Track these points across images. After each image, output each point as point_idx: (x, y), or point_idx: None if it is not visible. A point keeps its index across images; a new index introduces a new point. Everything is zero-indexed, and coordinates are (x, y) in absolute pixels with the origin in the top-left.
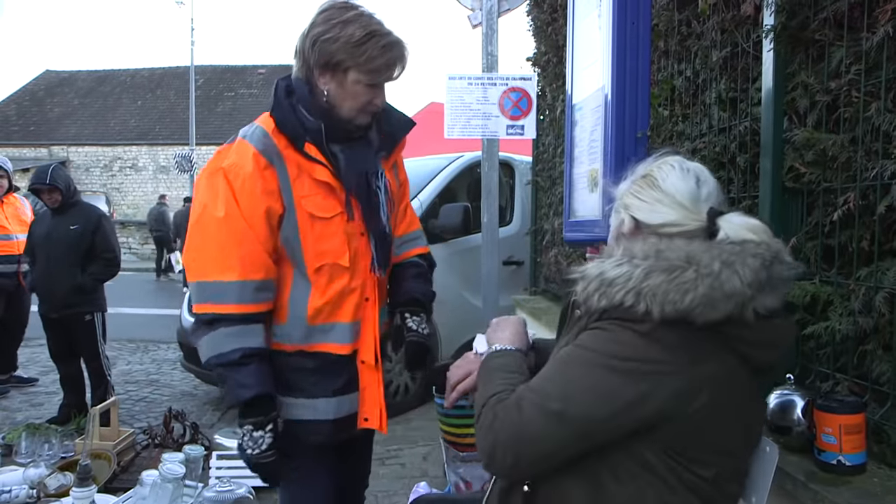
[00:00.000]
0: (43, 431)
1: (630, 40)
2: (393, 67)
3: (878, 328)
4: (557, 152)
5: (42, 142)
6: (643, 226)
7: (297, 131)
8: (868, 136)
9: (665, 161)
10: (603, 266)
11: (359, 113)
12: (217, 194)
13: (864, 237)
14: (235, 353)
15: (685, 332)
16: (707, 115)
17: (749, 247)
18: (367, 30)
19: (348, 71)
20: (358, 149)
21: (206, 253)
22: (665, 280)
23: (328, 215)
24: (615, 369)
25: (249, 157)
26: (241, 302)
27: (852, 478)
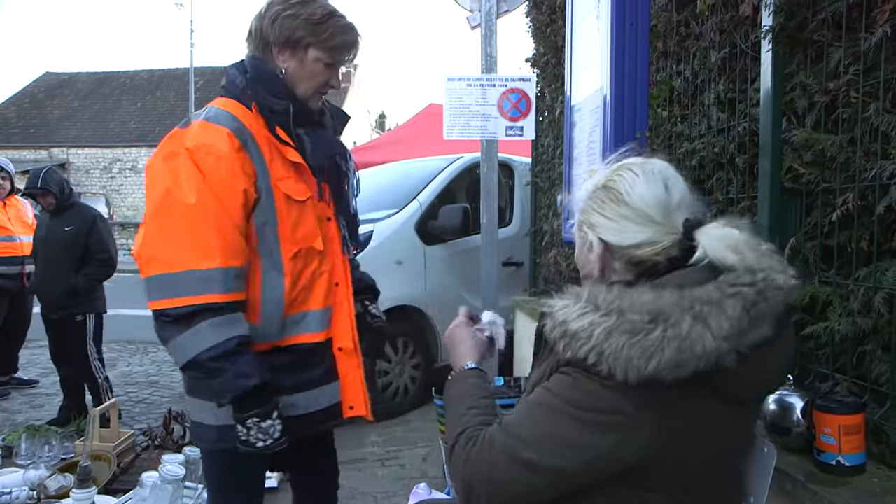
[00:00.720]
0: (43, 433)
1: (629, 41)
2: (351, 48)
3: (878, 328)
4: (557, 153)
5: (42, 144)
6: (613, 248)
7: (268, 114)
8: (867, 136)
9: (625, 167)
10: (567, 313)
11: (315, 93)
12: (181, 177)
13: (863, 237)
14: (231, 341)
15: (653, 388)
16: (706, 116)
17: (729, 282)
18: (327, 9)
19: (309, 48)
20: (321, 132)
21: (177, 241)
22: (627, 343)
23: (302, 198)
24: (583, 420)
25: (223, 136)
26: (226, 290)
27: (851, 478)
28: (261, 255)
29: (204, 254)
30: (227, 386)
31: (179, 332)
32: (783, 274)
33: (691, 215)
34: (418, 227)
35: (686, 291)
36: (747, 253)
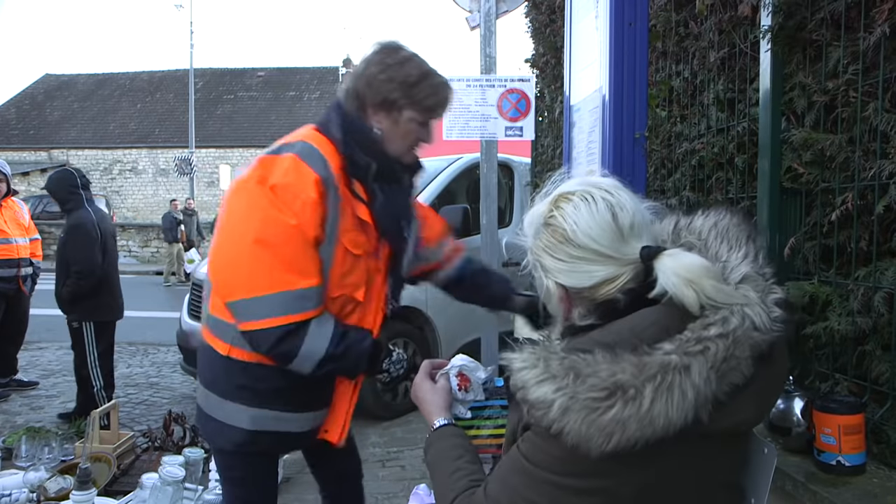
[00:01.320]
0: (43, 435)
1: (628, 41)
2: (444, 105)
3: (877, 328)
4: (556, 153)
5: (42, 145)
6: (573, 291)
7: (352, 169)
8: (866, 136)
9: (563, 196)
10: (525, 378)
11: (408, 150)
12: (277, 205)
13: (863, 237)
14: (337, 326)
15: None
16: (705, 116)
17: (696, 337)
18: (421, 70)
19: (403, 109)
20: (396, 192)
21: (282, 263)
22: (584, 421)
23: (360, 252)
24: (560, 486)
25: (311, 182)
26: (319, 305)
27: (852, 478)
28: None
29: (303, 274)
30: (358, 357)
31: (297, 343)
32: (761, 310)
33: (648, 238)
34: None
35: (646, 358)
36: (708, 287)
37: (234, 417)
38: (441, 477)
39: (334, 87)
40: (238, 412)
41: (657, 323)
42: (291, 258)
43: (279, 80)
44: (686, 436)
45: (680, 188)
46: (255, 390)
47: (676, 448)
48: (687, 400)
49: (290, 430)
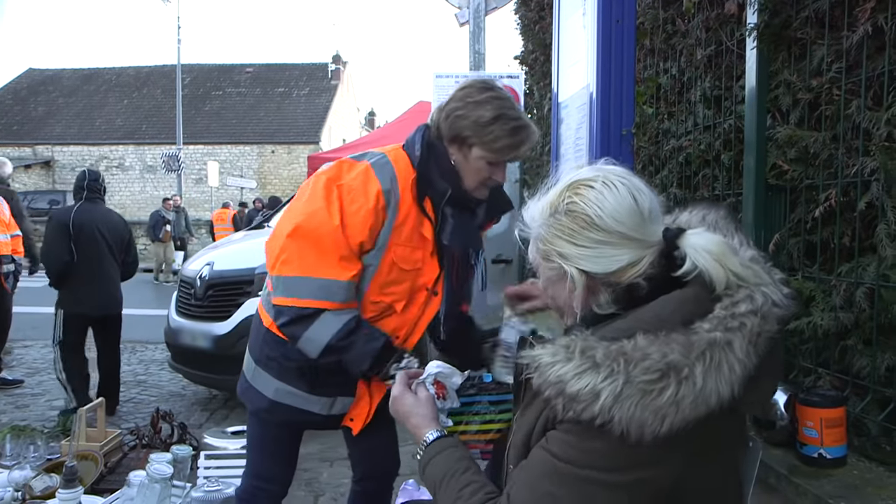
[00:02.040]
0: (28, 433)
1: (615, 38)
2: (517, 149)
3: (859, 323)
4: (545, 150)
5: (26, 141)
6: (598, 277)
7: (425, 188)
8: (849, 133)
9: (581, 183)
10: (561, 373)
11: (479, 186)
12: (332, 202)
13: (846, 233)
14: (351, 321)
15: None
16: (692, 113)
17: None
18: (497, 112)
19: (473, 147)
20: (468, 219)
21: (315, 252)
22: (639, 405)
23: (409, 268)
24: (601, 483)
25: (373, 192)
26: (346, 301)
27: (833, 471)
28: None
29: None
30: (362, 355)
31: (306, 325)
32: (776, 289)
33: (663, 222)
34: None
35: (693, 336)
36: (735, 265)
37: (260, 383)
38: (450, 493)
39: (323, 83)
40: (265, 380)
41: (681, 307)
42: (324, 252)
43: (268, 77)
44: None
45: (667, 185)
46: (282, 365)
47: (710, 426)
48: (735, 374)
49: (306, 408)
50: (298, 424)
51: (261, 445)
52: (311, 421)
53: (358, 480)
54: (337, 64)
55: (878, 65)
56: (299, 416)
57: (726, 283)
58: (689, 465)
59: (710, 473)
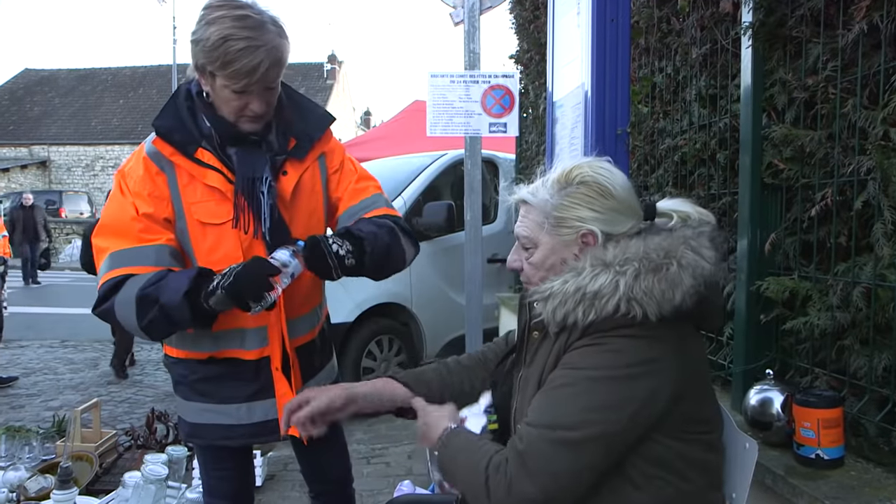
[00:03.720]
0: (23, 434)
1: (610, 37)
2: (255, 72)
3: (856, 323)
4: (541, 150)
5: (22, 141)
6: (605, 235)
7: (188, 136)
8: (845, 132)
9: (591, 163)
10: (578, 282)
11: (237, 118)
12: (124, 190)
13: (842, 233)
14: (161, 272)
15: (671, 323)
16: (687, 112)
17: (692, 226)
18: (225, 32)
19: (214, 75)
20: (249, 152)
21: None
22: (655, 280)
23: (219, 221)
24: (617, 378)
25: (140, 161)
26: (159, 265)
27: (830, 472)
28: (188, 262)
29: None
30: (175, 287)
31: (116, 296)
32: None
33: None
34: None
35: (675, 233)
36: (694, 209)
37: (181, 410)
38: (470, 456)
39: (319, 83)
40: (182, 405)
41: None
42: (123, 226)
43: None
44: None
45: (663, 184)
46: (185, 384)
47: (691, 335)
48: (711, 257)
49: (225, 422)
50: (233, 442)
51: (206, 471)
52: (239, 434)
53: (315, 496)
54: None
55: (874, 63)
56: (223, 432)
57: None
58: (683, 361)
59: (696, 381)
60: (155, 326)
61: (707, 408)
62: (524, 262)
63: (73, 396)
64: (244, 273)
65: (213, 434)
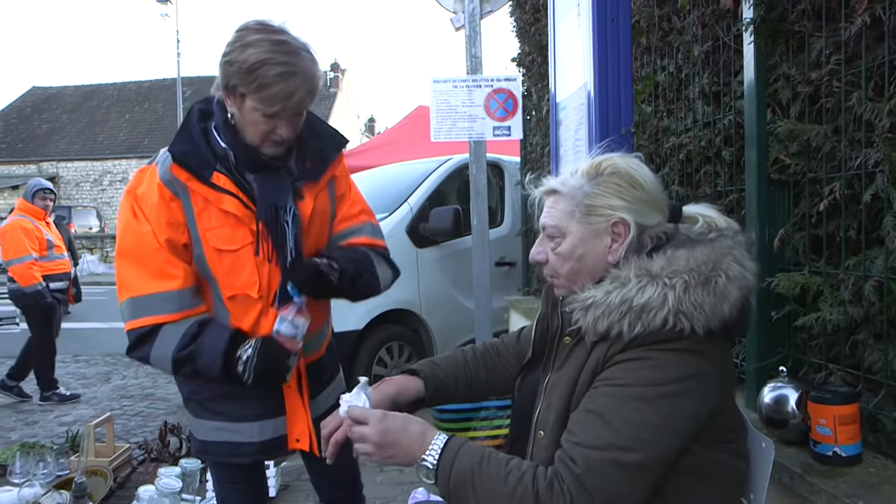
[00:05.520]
0: (37, 450)
1: (611, 37)
2: (290, 98)
3: (869, 317)
4: (545, 152)
5: (31, 158)
6: (638, 226)
7: (202, 161)
8: (851, 125)
9: (620, 156)
10: (623, 293)
11: (262, 142)
12: (136, 212)
13: (852, 226)
14: (192, 326)
15: (716, 338)
16: (691, 110)
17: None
18: (263, 56)
19: (245, 97)
20: (271, 179)
21: (140, 267)
22: (704, 293)
23: (235, 247)
24: (669, 395)
25: (155, 187)
26: (183, 309)
27: (849, 469)
28: (209, 286)
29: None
30: (205, 354)
31: (150, 346)
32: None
33: None
34: (409, 229)
35: (717, 243)
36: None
37: (192, 426)
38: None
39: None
40: (193, 422)
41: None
42: (146, 263)
43: None
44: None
45: (669, 183)
46: (196, 401)
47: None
48: (752, 268)
49: (237, 440)
50: (243, 459)
51: (219, 486)
52: (249, 452)
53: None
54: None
55: (878, 55)
56: (233, 449)
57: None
58: (725, 374)
59: (730, 391)
60: (190, 378)
61: (734, 414)
62: (549, 252)
63: (85, 411)
64: (263, 366)
65: (223, 451)
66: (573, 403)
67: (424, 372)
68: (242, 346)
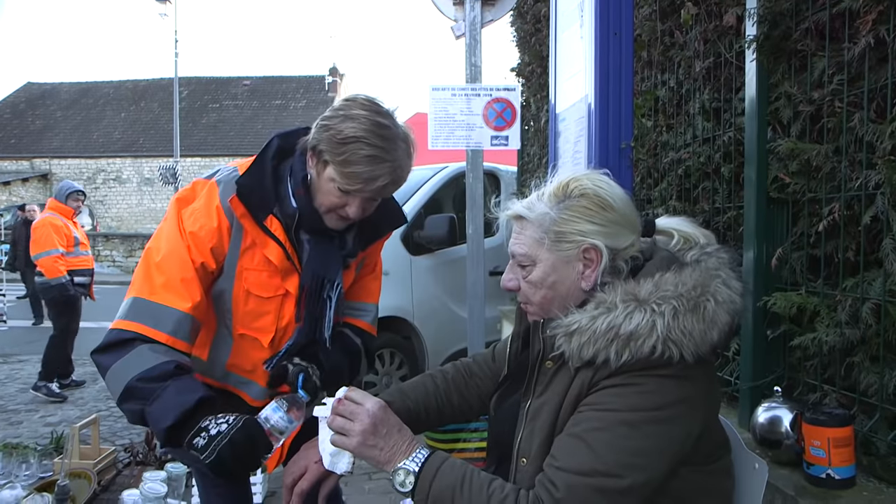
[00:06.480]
0: (20, 451)
1: (613, 51)
2: (372, 183)
3: (865, 339)
4: (542, 162)
5: (24, 154)
6: (610, 251)
7: (263, 201)
8: (852, 146)
9: (587, 177)
10: (609, 319)
11: (328, 211)
12: (180, 222)
13: (850, 247)
14: (169, 364)
15: (703, 364)
16: (691, 126)
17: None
18: (359, 133)
19: (327, 165)
20: (324, 247)
21: (158, 273)
22: (694, 319)
23: (266, 295)
24: (658, 421)
25: (213, 210)
26: (175, 336)
27: (842, 492)
28: (216, 314)
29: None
30: (168, 405)
31: (120, 354)
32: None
33: None
34: (404, 237)
35: (702, 265)
36: (696, 229)
37: None
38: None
39: (320, 96)
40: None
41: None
42: (167, 272)
43: (265, 89)
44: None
45: (666, 198)
46: None
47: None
48: (738, 288)
49: None
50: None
51: (204, 491)
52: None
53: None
54: (334, 76)
55: (881, 77)
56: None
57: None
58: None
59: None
60: (128, 413)
61: (719, 431)
62: (521, 280)
63: (72, 412)
64: (233, 450)
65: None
66: (557, 430)
67: (395, 404)
68: (213, 417)
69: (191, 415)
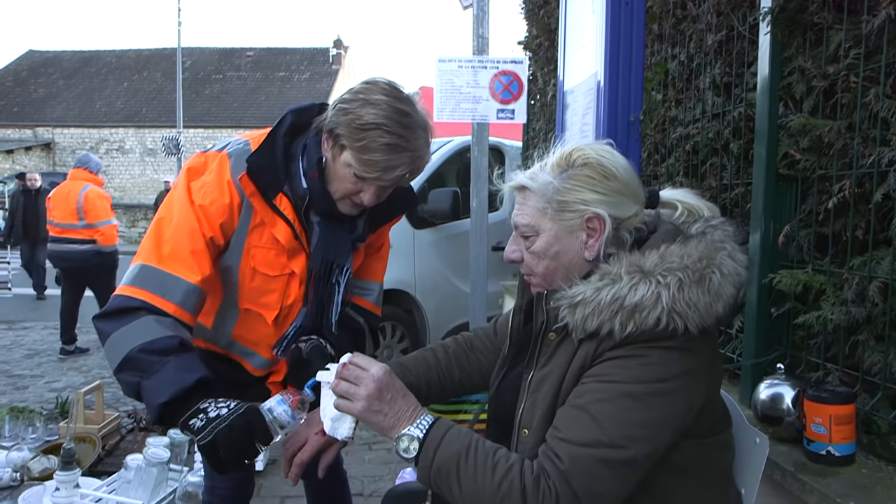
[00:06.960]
0: (27, 415)
1: (624, 22)
2: (389, 172)
3: (871, 318)
4: (548, 137)
5: (26, 123)
6: (614, 220)
7: (273, 179)
8: (866, 122)
9: (591, 146)
10: (614, 290)
11: (342, 197)
12: (191, 193)
13: (859, 226)
14: (174, 339)
15: (707, 334)
16: (701, 100)
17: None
18: (379, 120)
19: (344, 149)
20: (334, 230)
21: (167, 242)
22: (699, 291)
23: (272, 273)
24: (661, 392)
25: (224, 185)
26: (183, 307)
27: (841, 469)
28: (222, 286)
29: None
30: (166, 381)
31: (124, 322)
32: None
33: None
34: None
35: (707, 237)
36: (701, 200)
37: None
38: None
39: (324, 68)
40: None
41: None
42: (176, 242)
43: (269, 61)
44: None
45: (673, 174)
46: None
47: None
48: (743, 261)
49: None
50: None
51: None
52: None
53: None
54: (338, 48)
55: None
56: None
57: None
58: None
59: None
60: (124, 384)
61: (720, 404)
62: (524, 251)
63: (76, 378)
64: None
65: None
66: (560, 401)
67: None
68: (214, 400)
69: (188, 394)
